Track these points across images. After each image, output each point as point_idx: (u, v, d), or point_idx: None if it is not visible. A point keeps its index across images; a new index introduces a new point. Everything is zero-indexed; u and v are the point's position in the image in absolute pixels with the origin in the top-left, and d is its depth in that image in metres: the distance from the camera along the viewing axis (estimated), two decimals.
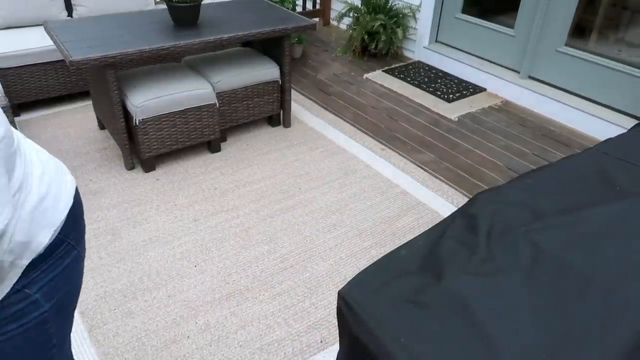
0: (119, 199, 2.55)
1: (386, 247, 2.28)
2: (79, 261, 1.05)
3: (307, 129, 3.25)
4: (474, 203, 1.46)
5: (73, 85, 3.35)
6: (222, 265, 2.17)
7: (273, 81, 3.04)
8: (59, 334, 1.01)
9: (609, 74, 3.19)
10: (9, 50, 3.03)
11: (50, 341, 0.99)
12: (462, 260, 1.24)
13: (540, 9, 3.38)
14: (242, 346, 1.83)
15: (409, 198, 2.62)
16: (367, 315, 1.11)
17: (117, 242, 2.28)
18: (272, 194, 2.63)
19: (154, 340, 1.84)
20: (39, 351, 0.97)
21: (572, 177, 1.57)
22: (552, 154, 3.03)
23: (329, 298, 2.03)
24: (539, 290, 1.14)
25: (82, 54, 2.29)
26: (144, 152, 2.67)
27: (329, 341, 1.86)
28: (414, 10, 4.19)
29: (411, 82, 3.94)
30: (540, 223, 1.33)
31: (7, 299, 0.87)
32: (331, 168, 2.84)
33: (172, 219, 2.43)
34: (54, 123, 3.20)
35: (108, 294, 2.02)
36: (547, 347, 1.01)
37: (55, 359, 1.03)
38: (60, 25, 2.67)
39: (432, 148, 3.08)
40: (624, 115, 3.17)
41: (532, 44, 3.52)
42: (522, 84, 3.58)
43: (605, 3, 3.38)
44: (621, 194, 1.46)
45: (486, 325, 1.05)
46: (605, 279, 1.15)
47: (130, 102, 2.54)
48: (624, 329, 1.04)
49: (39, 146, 1.02)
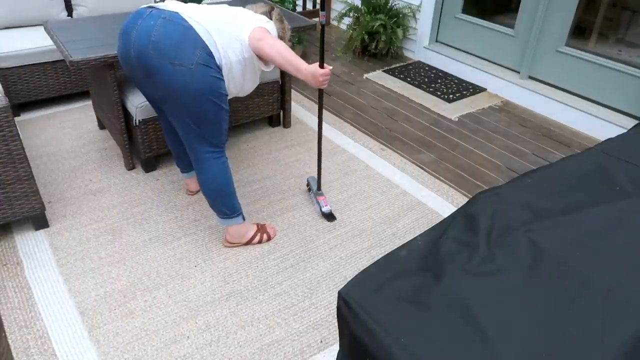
0: (119, 199, 2.55)
1: (386, 247, 2.28)
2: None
3: (307, 129, 3.25)
4: (474, 203, 1.46)
5: (73, 85, 3.35)
6: (222, 265, 2.17)
7: (273, 81, 3.04)
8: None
9: (609, 74, 3.19)
10: (9, 50, 3.03)
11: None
12: (462, 260, 1.23)
13: (541, 9, 3.38)
14: (242, 346, 1.83)
15: (409, 198, 2.62)
16: (367, 315, 1.11)
17: (117, 242, 2.28)
18: (272, 194, 2.63)
19: (154, 340, 1.84)
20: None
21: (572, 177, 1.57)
22: (552, 154, 3.03)
23: (329, 298, 2.03)
24: (539, 290, 1.13)
25: (82, 54, 2.29)
26: (144, 152, 2.67)
27: (329, 341, 1.86)
28: (414, 10, 4.19)
29: (411, 82, 3.94)
30: (540, 223, 1.33)
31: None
32: (331, 168, 2.84)
33: (172, 219, 2.43)
34: (54, 123, 3.20)
35: (108, 294, 2.02)
36: (547, 347, 1.01)
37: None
38: (60, 25, 2.67)
39: (432, 148, 3.08)
40: (624, 115, 3.17)
41: (532, 44, 3.52)
42: (523, 84, 3.58)
43: (605, 3, 3.38)
44: (621, 194, 1.46)
45: (486, 325, 1.05)
46: (605, 279, 1.15)
47: (130, 102, 2.54)
48: (624, 329, 1.04)
49: None
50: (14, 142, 2.04)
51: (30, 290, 2.02)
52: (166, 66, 1.79)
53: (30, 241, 2.27)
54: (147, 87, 1.99)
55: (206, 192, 2.11)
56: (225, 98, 1.95)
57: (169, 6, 1.88)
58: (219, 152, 2.05)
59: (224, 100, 1.94)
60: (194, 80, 1.81)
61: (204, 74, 1.81)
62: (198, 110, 1.89)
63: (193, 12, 1.86)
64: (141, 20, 1.83)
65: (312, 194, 2.54)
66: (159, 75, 1.82)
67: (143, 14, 1.85)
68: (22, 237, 2.29)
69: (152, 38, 1.78)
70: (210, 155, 2.03)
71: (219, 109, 1.93)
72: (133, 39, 1.83)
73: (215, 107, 1.91)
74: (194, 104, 1.87)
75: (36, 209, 2.25)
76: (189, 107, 1.88)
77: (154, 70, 1.81)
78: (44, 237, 2.29)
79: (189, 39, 1.78)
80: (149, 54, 1.79)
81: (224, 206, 2.13)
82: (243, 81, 2.04)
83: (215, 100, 1.89)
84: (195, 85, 1.82)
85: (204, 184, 2.09)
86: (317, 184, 2.52)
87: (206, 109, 1.89)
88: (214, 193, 2.09)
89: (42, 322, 1.90)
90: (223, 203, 2.12)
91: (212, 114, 1.92)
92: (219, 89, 1.89)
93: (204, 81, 1.83)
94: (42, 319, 1.91)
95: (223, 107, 1.95)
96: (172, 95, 1.86)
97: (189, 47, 1.78)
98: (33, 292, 2.02)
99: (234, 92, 2.08)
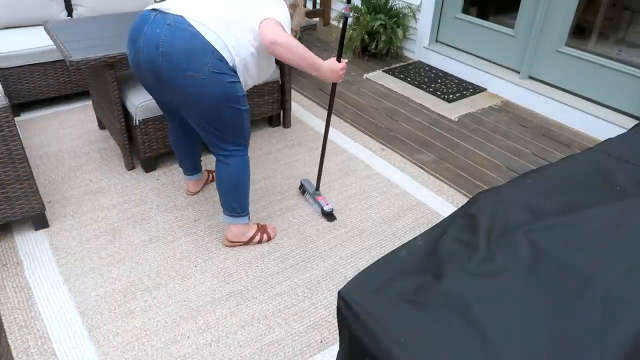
0: (119, 199, 2.55)
1: (386, 247, 2.28)
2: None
3: (307, 129, 3.25)
4: (474, 203, 1.46)
5: (73, 85, 3.35)
6: (222, 265, 2.17)
7: (273, 81, 3.04)
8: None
9: (609, 74, 3.19)
10: (9, 50, 3.03)
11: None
12: (462, 260, 1.23)
13: (541, 9, 3.38)
14: (242, 346, 1.83)
15: (409, 198, 2.62)
16: (367, 315, 1.11)
17: (117, 242, 2.28)
18: (272, 194, 2.63)
19: (154, 340, 1.84)
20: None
21: (572, 177, 1.57)
22: (552, 154, 3.03)
23: (329, 298, 2.03)
24: (539, 290, 1.13)
25: (82, 54, 2.29)
26: (144, 152, 2.67)
27: (329, 341, 1.86)
28: (414, 10, 4.19)
29: (411, 82, 3.94)
30: (540, 223, 1.33)
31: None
32: (331, 168, 2.84)
33: (172, 219, 2.43)
34: (54, 123, 3.20)
35: (108, 294, 2.02)
36: (547, 347, 1.01)
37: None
38: (60, 25, 2.67)
39: (432, 148, 3.08)
40: (625, 115, 3.17)
41: (532, 44, 3.52)
42: (522, 84, 3.58)
43: (605, 3, 3.38)
44: (621, 194, 1.46)
45: (486, 325, 1.05)
46: (605, 279, 1.15)
47: (130, 102, 2.54)
48: (624, 329, 1.04)
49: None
50: (14, 142, 2.04)
51: (30, 290, 2.02)
52: (178, 78, 1.77)
53: (30, 241, 2.27)
54: (159, 92, 1.97)
55: (221, 186, 2.09)
56: (243, 99, 1.91)
57: (172, 8, 1.79)
58: (242, 150, 2.04)
59: (241, 102, 1.90)
60: (208, 89, 1.78)
61: (217, 82, 1.78)
62: (216, 117, 1.87)
63: (197, 11, 1.77)
64: (147, 27, 1.78)
65: (309, 196, 2.53)
66: (171, 84, 1.80)
67: (148, 19, 1.79)
68: (22, 237, 2.29)
69: (160, 49, 1.75)
70: (234, 153, 2.02)
71: (238, 111, 1.90)
72: (141, 47, 1.80)
73: (233, 111, 1.89)
74: (211, 111, 1.85)
75: (36, 209, 2.25)
76: (206, 114, 1.86)
77: (166, 80, 1.80)
78: (44, 237, 2.29)
79: (198, 47, 1.73)
80: (160, 64, 1.77)
81: (236, 203, 2.11)
82: (259, 70, 1.99)
83: (233, 105, 1.87)
84: (210, 94, 1.79)
85: (221, 177, 2.07)
86: (316, 184, 2.52)
87: (224, 114, 1.87)
88: (229, 188, 2.08)
89: (42, 322, 1.90)
90: (236, 200, 2.11)
91: (231, 117, 1.90)
92: (235, 92, 1.85)
93: (219, 89, 1.80)
94: (42, 319, 1.91)
95: (242, 109, 1.91)
96: (188, 104, 1.85)
97: (199, 56, 1.73)
98: (33, 292, 2.02)
99: (251, 83, 2.04)
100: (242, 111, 1.92)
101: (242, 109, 1.92)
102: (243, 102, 1.91)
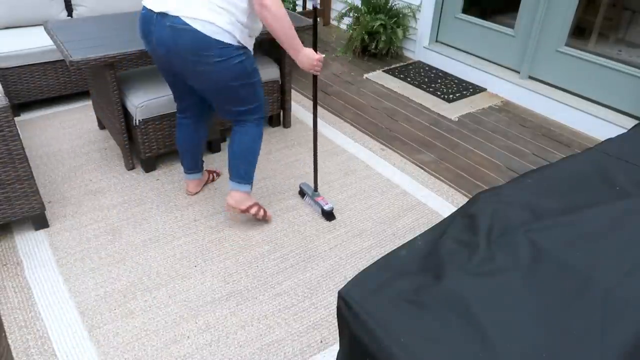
0: (119, 199, 2.55)
1: (386, 247, 2.28)
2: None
3: (307, 129, 3.25)
4: (474, 203, 1.46)
5: (73, 85, 3.35)
6: (222, 265, 2.17)
7: (273, 81, 3.04)
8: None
9: (609, 74, 3.19)
10: (9, 50, 3.03)
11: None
12: (462, 260, 1.23)
13: (541, 9, 3.38)
14: (242, 346, 1.83)
15: (409, 198, 2.62)
16: (367, 315, 1.11)
17: (117, 242, 2.28)
18: (272, 194, 2.63)
19: (154, 340, 1.84)
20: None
21: (572, 177, 1.57)
22: (552, 154, 3.03)
23: (329, 298, 2.03)
24: (539, 290, 1.13)
25: (82, 54, 2.29)
26: (144, 152, 2.67)
27: (329, 341, 1.86)
28: (414, 10, 4.19)
29: (411, 82, 3.94)
30: (540, 223, 1.33)
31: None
32: (331, 168, 2.84)
33: (172, 219, 2.43)
34: (54, 123, 3.20)
35: (108, 294, 2.02)
36: (547, 347, 1.01)
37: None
38: (60, 25, 2.67)
39: (432, 148, 3.08)
40: (625, 115, 3.17)
41: (532, 44, 3.52)
42: (522, 84, 3.58)
43: (605, 3, 3.38)
44: (621, 194, 1.46)
45: (486, 325, 1.05)
46: (605, 279, 1.15)
47: (130, 102, 2.54)
48: (624, 329, 1.04)
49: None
50: (14, 142, 2.04)
51: (30, 290, 2.02)
52: (189, 72, 1.95)
53: (30, 241, 2.27)
54: (175, 78, 2.13)
55: (236, 149, 2.20)
56: (254, 71, 2.03)
57: (165, 6, 1.83)
58: (258, 118, 2.19)
59: (252, 75, 2.03)
60: (219, 75, 1.93)
61: (226, 66, 1.91)
62: (231, 94, 2.03)
63: (189, 6, 1.80)
64: (152, 27, 1.90)
65: (309, 198, 2.53)
66: (184, 76, 2.01)
67: (151, 19, 1.90)
68: (22, 237, 2.29)
69: (171, 49, 1.90)
70: (251, 120, 2.17)
71: (251, 85, 2.04)
72: (154, 44, 1.95)
73: (246, 87, 2.03)
74: (225, 91, 2.01)
75: (36, 209, 2.25)
76: (222, 93, 2.03)
77: (180, 72, 2.00)
78: (44, 237, 2.29)
79: (201, 44, 1.84)
80: (171, 61, 1.95)
81: (244, 169, 2.21)
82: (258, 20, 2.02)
83: (245, 81, 2.01)
84: (222, 78, 1.94)
85: (237, 142, 2.19)
86: (314, 185, 2.51)
87: (238, 91, 2.03)
88: (243, 152, 2.19)
89: (42, 322, 1.90)
90: (244, 166, 2.21)
91: (246, 92, 2.05)
92: (245, 70, 1.97)
93: (229, 73, 1.93)
94: (42, 319, 1.91)
95: (254, 81, 2.05)
96: (203, 88, 2.03)
97: (204, 52, 1.86)
98: (33, 292, 2.02)
99: (260, 27, 2.04)
100: (255, 84, 2.06)
101: (255, 81, 2.05)
102: (254, 74, 2.04)
